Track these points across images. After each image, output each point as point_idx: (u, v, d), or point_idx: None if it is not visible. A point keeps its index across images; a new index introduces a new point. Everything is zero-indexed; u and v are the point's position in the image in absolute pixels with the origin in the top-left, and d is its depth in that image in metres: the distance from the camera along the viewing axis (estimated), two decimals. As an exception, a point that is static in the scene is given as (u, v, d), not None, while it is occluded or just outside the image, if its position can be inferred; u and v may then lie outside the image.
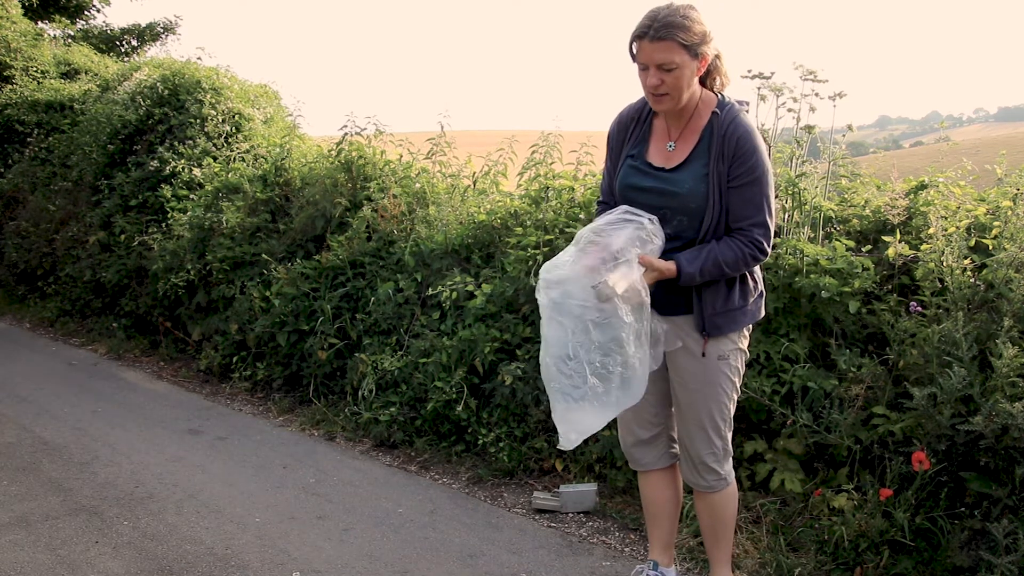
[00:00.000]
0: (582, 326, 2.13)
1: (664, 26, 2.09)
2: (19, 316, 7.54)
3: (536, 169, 4.61)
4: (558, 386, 2.17)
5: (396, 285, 4.50)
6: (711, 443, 2.35)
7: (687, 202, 2.21)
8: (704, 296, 2.25)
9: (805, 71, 3.34)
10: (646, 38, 2.12)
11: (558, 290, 2.16)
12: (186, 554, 2.98)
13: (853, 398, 2.95)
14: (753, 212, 2.20)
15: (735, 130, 2.20)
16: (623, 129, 2.39)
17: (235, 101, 6.96)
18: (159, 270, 5.91)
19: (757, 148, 2.20)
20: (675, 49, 2.10)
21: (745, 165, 2.18)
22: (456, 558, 2.95)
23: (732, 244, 2.20)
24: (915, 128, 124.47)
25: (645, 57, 2.14)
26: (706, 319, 2.26)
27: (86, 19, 13.22)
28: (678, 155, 2.27)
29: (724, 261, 2.19)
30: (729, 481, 2.44)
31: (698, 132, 2.26)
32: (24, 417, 4.59)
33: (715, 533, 2.50)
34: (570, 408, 2.16)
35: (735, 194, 2.20)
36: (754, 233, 2.21)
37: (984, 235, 3.08)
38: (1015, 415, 2.46)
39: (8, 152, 8.90)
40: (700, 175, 2.21)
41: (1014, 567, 2.38)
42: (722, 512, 2.46)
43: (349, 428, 4.26)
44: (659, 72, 2.12)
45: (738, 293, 2.29)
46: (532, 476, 3.63)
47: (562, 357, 2.15)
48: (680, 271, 2.18)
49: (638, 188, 2.28)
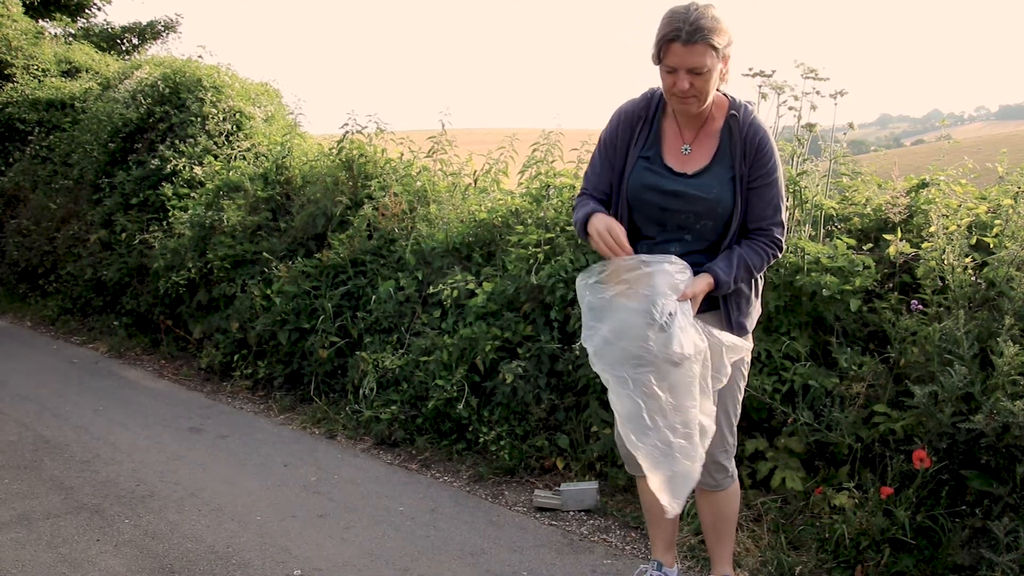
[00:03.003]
0: (650, 392, 2.06)
1: (697, 29, 2.02)
2: (20, 314, 7.54)
3: (537, 167, 4.61)
4: (646, 452, 2.11)
5: (397, 283, 4.50)
6: (724, 440, 2.35)
7: (715, 207, 2.19)
8: (730, 299, 2.27)
9: (806, 69, 3.34)
10: (678, 41, 2.04)
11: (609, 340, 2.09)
12: (187, 552, 2.98)
13: (854, 396, 2.94)
14: (772, 212, 2.21)
15: (756, 132, 2.19)
16: (629, 127, 2.30)
17: (236, 99, 6.96)
18: (160, 268, 5.91)
19: (775, 149, 2.20)
20: (707, 52, 2.04)
21: (766, 167, 2.18)
22: (457, 556, 2.95)
23: (756, 246, 2.21)
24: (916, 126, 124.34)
25: (676, 61, 2.06)
26: (733, 322, 2.27)
27: (87, 17, 13.22)
28: (697, 159, 2.23)
29: (753, 265, 2.20)
30: (735, 478, 2.45)
31: (715, 135, 2.22)
32: (25, 415, 4.59)
33: (718, 531, 2.49)
34: (670, 477, 2.10)
35: (755, 195, 2.20)
36: (774, 232, 2.22)
37: (985, 233, 3.07)
38: (1016, 413, 2.46)
39: (9, 150, 8.90)
40: (726, 179, 2.19)
41: (1015, 565, 2.38)
42: (726, 509, 2.46)
43: (350, 426, 4.26)
44: (689, 76, 2.07)
45: (753, 291, 2.32)
46: (533, 474, 3.63)
47: (642, 429, 2.09)
48: (717, 283, 2.17)
49: (659, 190, 2.22)
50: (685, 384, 2.07)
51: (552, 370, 3.71)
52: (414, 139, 5.50)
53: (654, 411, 2.07)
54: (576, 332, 3.64)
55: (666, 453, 2.08)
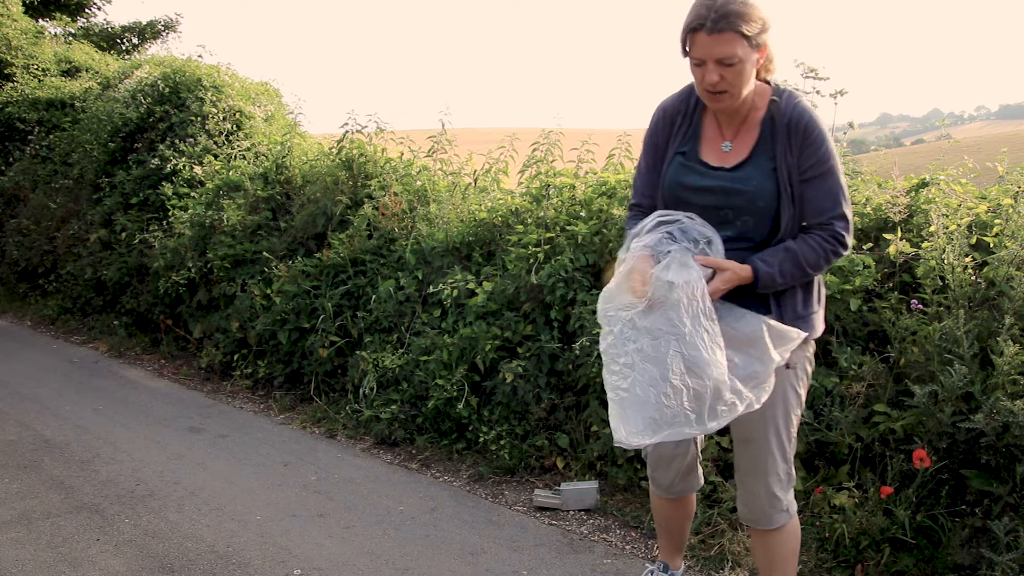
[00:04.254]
0: (628, 333, 1.92)
1: (723, 16, 1.85)
2: (20, 314, 7.54)
3: (537, 167, 4.61)
4: (609, 383, 1.96)
5: (397, 283, 4.50)
6: (776, 466, 2.08)
7: (754, 200, 1.99)
8: (783, 300, 2.04)
9: (806, 68, 3.34)
10: (703, 30, 1.87)
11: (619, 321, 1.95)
12: (187, 552, 2.98)
13: (854, 396, 2.94)
14: (831, 204, 1.98)
15: (800, 117, 1.98)
16: (669, 122, 2.13)
17: (236, 99, 6.96)
18: (160, 268, 5.91)
19: (826, 136, 1.99)
20: (736, 41, 1.86)
21: (817, 154, 1.97)
22: (457, 556, 2.95)
23: (812, 241, 1.99)
24: (916, 126, 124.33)
25: (702, 51, 1.90)
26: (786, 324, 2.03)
27: (87, 17, 13.22)
28: (738, 152, 2.04)
29: (806, 260, 1.97)
30: (792, 513, 2.16)
31: (756, 125, 2.03)
32: (25, 415, 4.59)
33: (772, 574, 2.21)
34: (620, 400, 1.94)
35: (809, 187, 1.98)
36: (835, 227, 1.99)
37: (985, 233, 3.07)
38: (1016, 413, 2.46)
39: (9, 150, 8.90)
40: (767, 170, 2.00)
41: (1015, 564, 2.38)
42: (781, 551, 2.17)
43: (350, 426, 4.26)
44: (718, 67, 1.89)
45: (815, 295, 2.10)
46: (533, 474, 3.63)
47: (609, 364, 1.95)
48: (757, 274, 1.96)
49: (694, 188, 2.05)
50: (663, 322, 1.89)
51: (552, 369, 3.71)
52: (414, 138, 5.50)
53: (627, 340, 1.93)
54: (576, 332, 3.64)
55: (625, 375, 1.92)
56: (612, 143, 4.50)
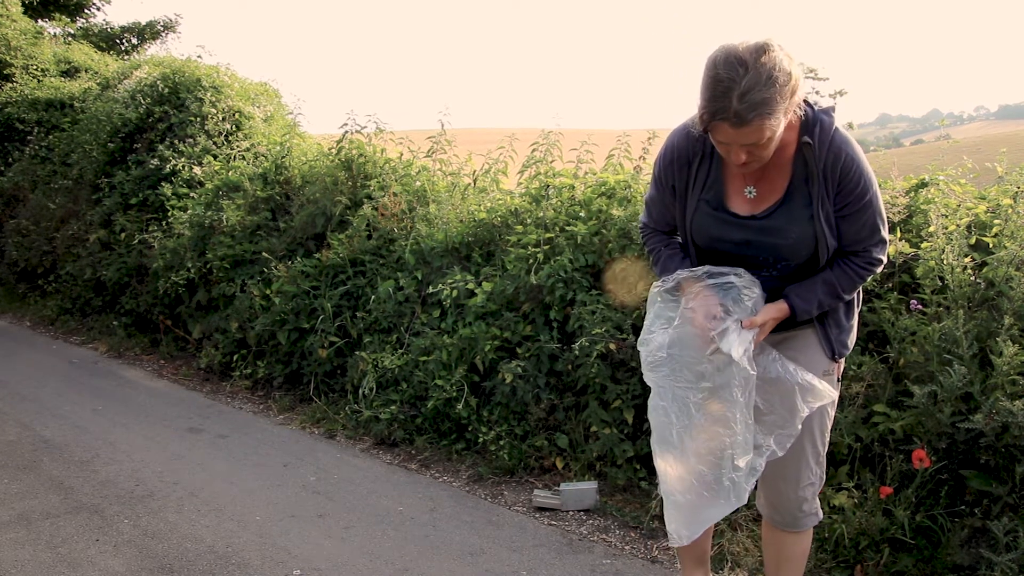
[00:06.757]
0: (684, 409, 1.95)
1: (750, 107, 1.67)
2: (20, 314, 7.54)
3: (536, 167, 4.61)
4: (662, 470, 2.00)
5: (396, 283, 4.50)
6: (809, 471, 2.08)
7: (797, 250, 1.92)
8: (828, 319, 2.04)
9: (806, 69, 3.33)
10: (727, 123, 1.70)
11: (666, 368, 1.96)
12: (187, 552, 2.98)
13: (853, 396, 2.94)
14: (868, 234, 1.93)
15: (837, 157, 1.85)
16: (685, 165, 2.00)
17: (235, 99, 6.97)
18: (159, 268, 5.91)
19: (864, 168, 1.87)
20: (766, 124, 1.70)
21: (856, 190, 1.87)
22: (456, 556, 2.95)
23: (847, 268, 1.95)
24: (916, 126, 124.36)
25: (727, 139, 1.75)
26: (834, 341, 2.05)
27: (86, 17, 13.25)
28: (766, 196, 1.94)
29: (840, 287, 1.96)
30: (819, 516, 2.17)
31: (787, 165, 1.91)
32: (25, 415, 4.59)
33: (779, 571, 2.22)
34: (677, 504, 1.98)
35: (848, 222, 1.91)
36: (873, 253, 1.95)
37: (985, 233, 3.07)
38: (1015, 413, 2.46)
39: (8, 150, 8.91)
40: (804, 218, 1.90)
41: (1014, 565, 2.38)
42: (794, 550, 2.19)
43: (349, 426, 4.26)
44: (746, 147, 1.77)
45: (855, 306, 2.10)
46: (532, 474, 3.63)
47: (666, 445, 1.97)
48: (794, 310, 1.95)
49: (727, 240, 1.97)
50: (723, 408, 1.91)
51: (551, 370, 3.71)
52: (413, 139, 5.50)
53: (683, 429, 1.95)
54: (575, 332, 3.64)
55: (682, 478, 1.95)
56: (611, 143, 4.50)
